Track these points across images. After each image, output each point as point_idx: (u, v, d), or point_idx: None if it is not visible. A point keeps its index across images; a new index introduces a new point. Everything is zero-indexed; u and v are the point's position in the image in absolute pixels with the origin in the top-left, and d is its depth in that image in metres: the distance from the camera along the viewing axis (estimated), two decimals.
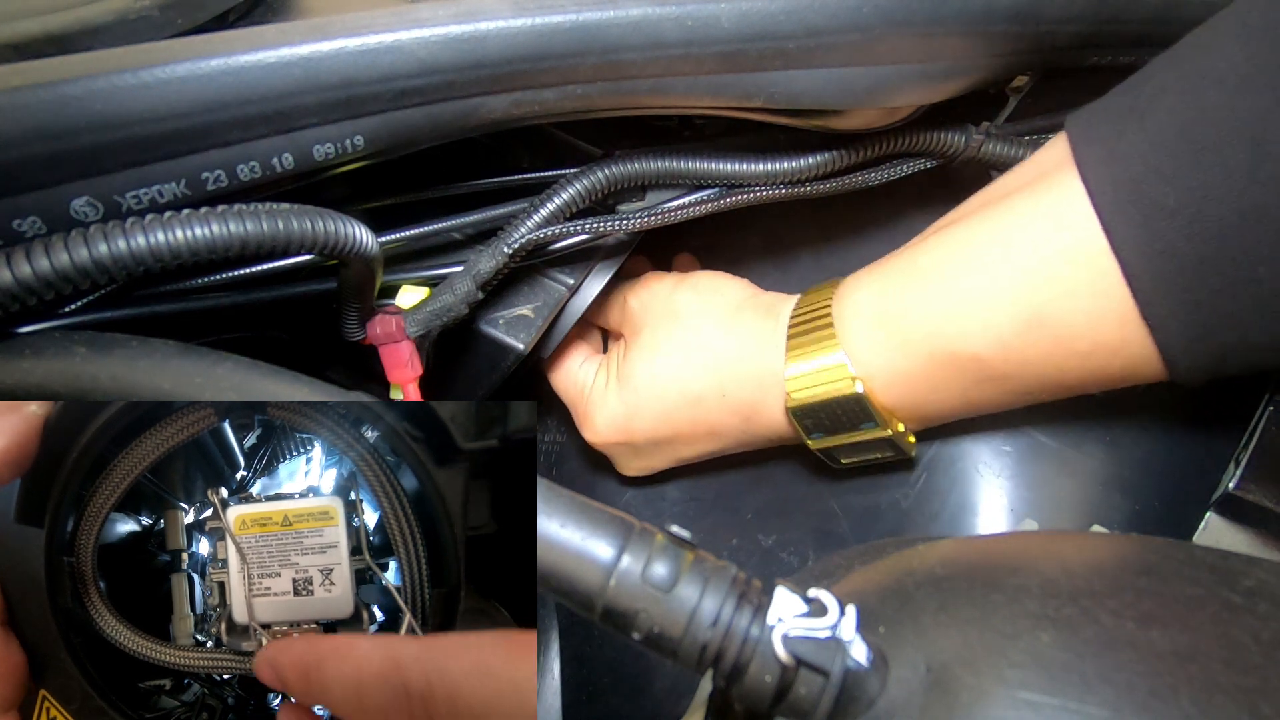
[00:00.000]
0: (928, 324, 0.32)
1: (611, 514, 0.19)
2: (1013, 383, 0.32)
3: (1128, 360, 0.29)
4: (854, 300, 0.35)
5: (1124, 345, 0.29)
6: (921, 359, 0.33)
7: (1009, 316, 0.30)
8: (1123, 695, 0.17)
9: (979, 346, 0.31)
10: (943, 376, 0.33)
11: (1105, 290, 0.28)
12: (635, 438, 0.42)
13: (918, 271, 0.33)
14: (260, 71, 0.24)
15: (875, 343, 0.34)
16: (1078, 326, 0.29)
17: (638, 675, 0.45)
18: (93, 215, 0.24)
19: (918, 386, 0.34)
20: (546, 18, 0.26)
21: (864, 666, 0.18)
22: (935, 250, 0.33)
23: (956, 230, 0.33)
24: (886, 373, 0.34)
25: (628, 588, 0.18)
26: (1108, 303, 0.28)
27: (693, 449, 0.42)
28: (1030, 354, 0.30)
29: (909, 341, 0.33)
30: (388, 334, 0.33)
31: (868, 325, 0.34)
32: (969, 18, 0.29)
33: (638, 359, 0.41)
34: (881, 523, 0.43)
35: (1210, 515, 0.35)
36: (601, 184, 0.35)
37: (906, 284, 0.33)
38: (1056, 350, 0.30)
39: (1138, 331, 0.28)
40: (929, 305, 0.32)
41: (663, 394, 0.40)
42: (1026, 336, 0.30)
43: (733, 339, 0.39)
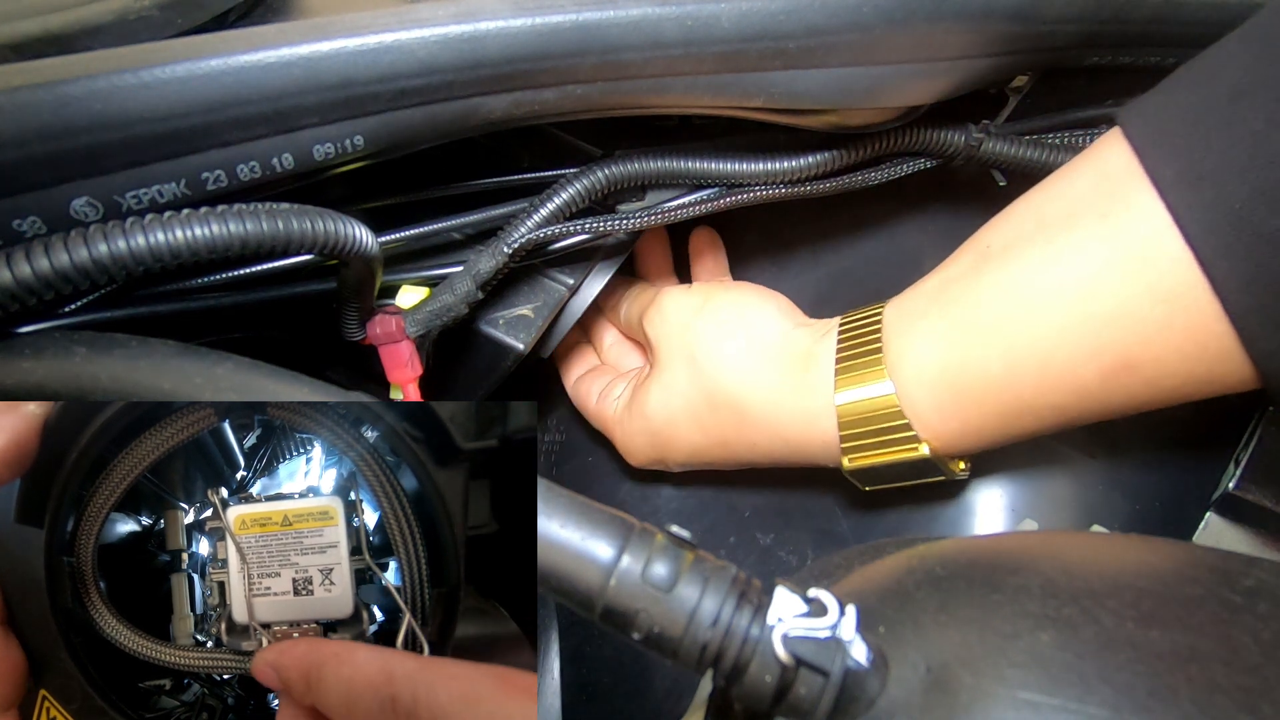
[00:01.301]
0: (1000, 386, 0.29)
1: (611, 514, 0.19)
2: (1092, 418, 0.30)
3: (1221, 387, 0.27)
4: (910, 353, 0.32)
5: (1222, 377, 0.26)
6: (994, 415, 0.30)
7: (1094, 368, 0.27)
8: (1123, 695, 0.17)
9: (1059, 399, 0.29)
10: (1015, 425, 0.31)
11: (1203, 327, 0.25)
12: (668, 463, 0.43)
13: (982, 325, 0.30)
14: (260, 71, 0.24)
15: (940, 403, 0.31)
16: (1170, 367, 0.26)
17: (638, 675, 0.45)
18: (93, 215, 0.24)
19: (989, 437, 0.32)
20: (546, 18, 0.26)
21: (864, 666, 0.18)
22: (998, 297, 0.29)
23: (1018, 268, 0.29)
24: (955, 432, 0.32)
25: (628, 588, 0.18)
26: (1207, 339, 0.25)
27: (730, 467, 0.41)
28: (1115, 398, 0.28)
29: (981, 403, 0.30)
30: (388, 334, 0.33)
31: (930, 384, 0.31)
32: (969, 17, 0.29)
33: (658, 400, 0.40)
34: (882, 523, 0.43)
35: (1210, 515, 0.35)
36: (601, 184, 0.35)
37: (969, 340, 0.30)
38: (1145, 391, 0.28)
39: (1239, 364, 0.26)
40: (1000, 366, 0.29)
41: (686, 437, 0.40)
42: (1114, 383, 0.28)
43: (762, 394, 0.36)
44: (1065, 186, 0.30)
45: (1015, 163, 0.37)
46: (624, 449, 0.44)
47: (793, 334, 0.37)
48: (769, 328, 0.37)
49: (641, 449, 0.42)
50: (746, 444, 0.38)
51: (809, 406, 0.35)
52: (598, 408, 0.45)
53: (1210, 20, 0.33)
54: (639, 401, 0.41)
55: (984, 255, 0.31)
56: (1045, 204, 0.30)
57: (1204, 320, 0.25)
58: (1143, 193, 0.26)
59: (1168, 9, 0.32)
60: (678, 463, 0.42)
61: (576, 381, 0.47)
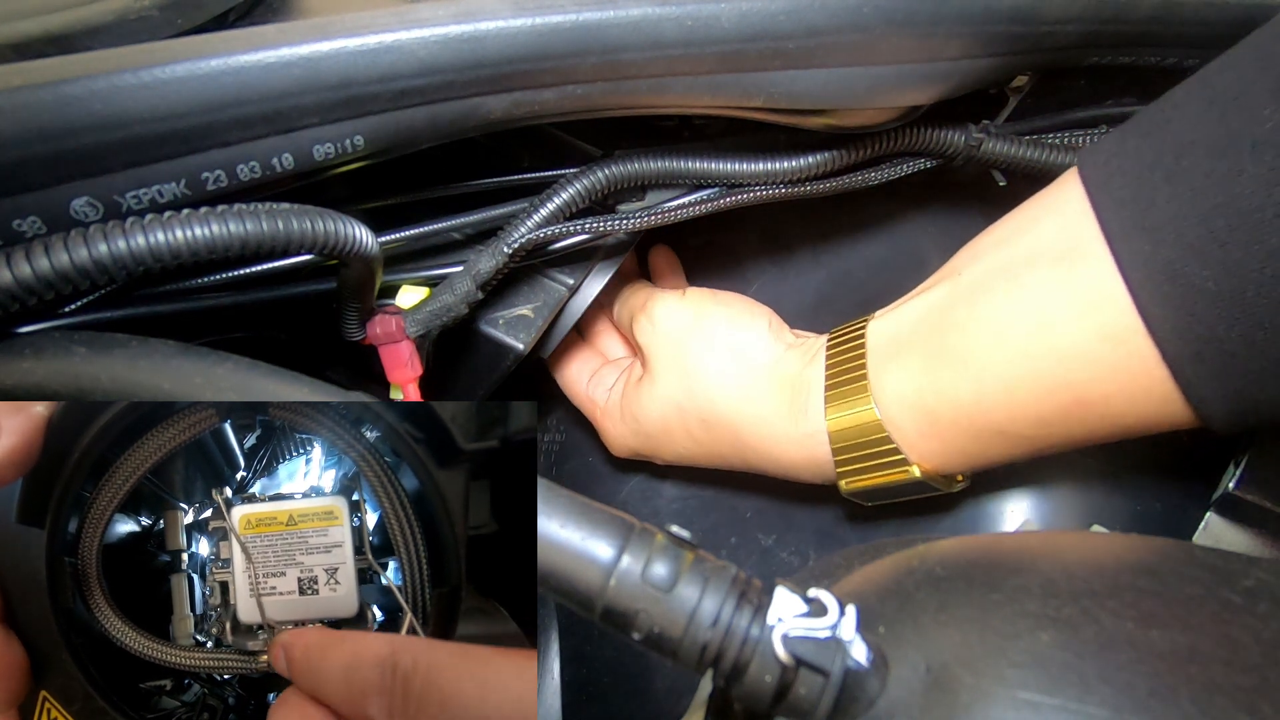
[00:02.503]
0: (972, 412, 0.31)
1: (611, 514, 0.19)
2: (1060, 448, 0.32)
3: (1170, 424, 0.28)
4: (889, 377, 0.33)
5: (1168, 416, 0.28)
6: (970, 438, 0.32)
7: (1052, 402, 0.29)
8: (1123, 695, 0.17)
9: (1024, 428, 0.31)
10: (993, 448, 0.32)
11: (1144, 370, 0.27)
12: (654, 460, 0.44)
13: (952, 355, 0.31)
14: (260, 71, 0.24)
15: (919, 426, 0.33)
16: (1119, 405, 0.28)
17: (638, 675, 0.45)
18: (93, 215, 0.24)
19: (971, 458, 0.33)
20: (546, 18, 0.26)
21: (864, 666, 0.18)
22: (967, 328, 0.31)
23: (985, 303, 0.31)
24: (939, 452, 0.33)
25: (628, 588, 0.18)
26: (1149, 382, 0.27)
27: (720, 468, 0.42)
28: (1075, 430, 0.30)
29: (956, 425, 0.32)
30: (388, 334, 0.33)
31: (910, 409, 0.33)
32: (969, 17, 0.29)
33: (650, 405, 0.41)
34: (883, 523, 0.43)
35: (1210, 515, 0.35)
36: (601, 184, 0.35)
37: (942, 368, 0.32)
38: (1101, 425, 0.29)
39: (1181, 405, 0.27)
40: (970, 394, 0.31)
41: (679, 443, 0.41)
42: (1070, 416, 0.29)
43: (756, 419, 0.37)
44: (1030, 224, 0.31)
45: (1015, 163, 0.37)
46: (608, 440, 0.44)
47: (784, 357, 0.38)
48: (760, 349, 0.38)
49: (628, 446, 0.43)
50: (740, 461, 0.39)
51: (801, 430, 0.36)
52: (588, 393, 0.45)
53: (1210, 20, 0.33)
54: (630, 402, 0.42)
55: (956, 287, 0.33)
56: (1011, 240, 0.31)
57: (1145, 365, 0.27)
58: (1095, 241, 0.27)
59: (1167, 9, 0.32)
60: (666, 461, 0.43)
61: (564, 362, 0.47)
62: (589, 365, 0.46)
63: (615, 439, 0.44)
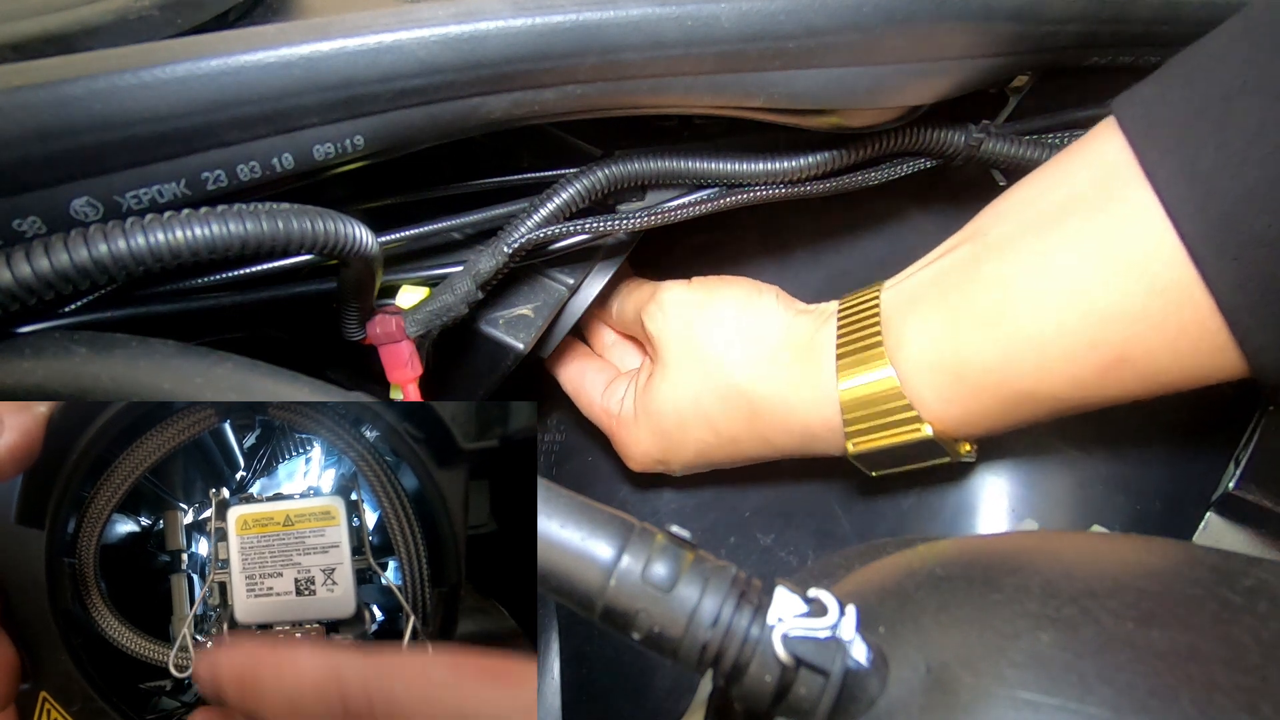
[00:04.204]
0: (999, 374, 0.30)
1: (611, 514, 0.19)
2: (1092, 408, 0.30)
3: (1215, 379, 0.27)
4: (908, 337, 0.32)
5: (1216, 370, 0.27)
6: (994, 400, 0.31)
7: (1091, 361, 0.28)
8: (1123, 695, 0.17)
9: (1057, 389, 0.29)
10: (1017, 411, 0.31)
11: (1196, 323, 0.26)
12: (672, 466, 0.42)
13: (979, 316, 0.30)
14: (260, 71, 0.24)
15: (939, 387, 0.31)
16: (1164, 361, 0.27)
17: (638, 675, 0.45)
18: (93, 215, 0.24)
19: (991, 421, 0.32)
20: (546, 18, 0.26)
21: (864, 666, 0.18)
22: (996, 286, 0.30)
23: (1015, 261, 0.29)
24: (957, 416, 0.32)
25: (628, 588, 0.18)
26: (1200, 335, 0.26)
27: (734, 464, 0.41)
28: (1111, 389, 0.29)
29: (980, 387, 0.30)
30: (388, 334, 0.33)
31: (929, 369, 0.31)
32: (969, 17, 0.29)
33: (665, 398, 0.40)
34: (881, 522, 0.43)
35: (1210, 515, 0.35)
36: (601, 184, 0.35)
37: (968, 329, 0.30)
38: (1138, 384, 0.28)
39: (1231, 358, 0.26)
40: (998, 355, 0.29)
41: (695, 436, 0.40)
42: (1109, 376, 0.28)
43: (772, 388, 0.36)
44: (1062, 176, 0.30)
45: (1015, 163, 0.37)
46: (627, 450, 0.43)
47: (794, 322, 0.37)
48: (771, 320, 0.38)
49: (647, 450, 0.42)
50: (758, 439, 0.38)
51: (817, 395, 0.35)
52: (602, 406, 0.44)
53: (1210, 20, 0.33)
54: (645, 401, 0.41)
55: (982, 245, 0.31)
56: (1043, 195, 0.30)
57: (1198, 316, 0.26)
58: (1139, 188, 0.26)
59: (1168, 9, 0.32)
60: (682, 463, 0.42)
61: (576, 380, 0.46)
62: (602, 377, 0.45)
63: (633, 446, 0.42)
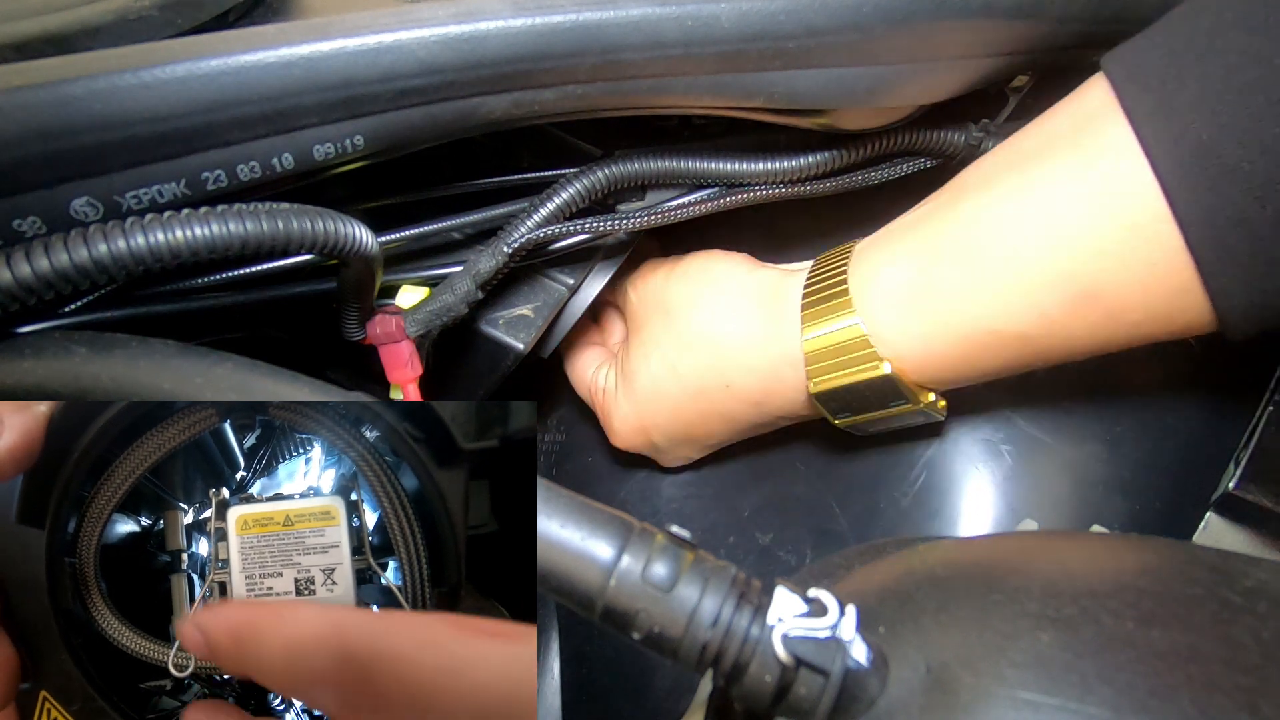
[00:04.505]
0: (966, 306, 0.30)
1: (611, 514, 0.19)
2: (1055, 353, 0.30)
3: (1180, 325, 0.27)
4: (877, 277, 0.32)
5: (1180, 313, 0.27)
6: (959, 339, 0.31)
7: (1058, 294, 0.28)
8: (1123, 695, 0.17)
9: (1023, 325, 0.29)
10: (981, 354, 0.31)
11: (1164, 259, 0.26)
12: (653, 436, 0.42)
13: (952, 248, 0.30)
14: (260, 71, 0.24)
15: (905, 323, 0.31)
16: (1132, 299, 0.27)
17: (638, 675, 0.45)
18: (93, 215, 0.24)
19: (954, 363, 0.32)
20: (546, 18, 0.26)
21: (864, 666, 0.18)
22: (970, 224, 0.30)
23: (990, 198, 0.30)
24: (919, 353, 0.32)
25: (628, 588, 0.18)
26: (1167, 272, 0.26)
27: (712, 437, 0.42)
28: (1077, 328, 0.29)
29: (946, 324, 0.30)
30: (388, 334, 0.33)
31: (896, 305, 0.32)
32: (969, 17, 0.29)
33: (637, 359, 0.41)
34: (881, 521, 0.43)
35: (1210, 515, 0.35)
36: (601, 184, 0.35)
37: (938, 262, 0.30)
38: (1107, 322, 0.28)
39: (1197, 299, 0.26)
40: (967, 286, 0.30)
41: (665, 392, 0.40)
42: (1076, 312, 0.28)
43: (733, 328, 0.37)
44: (1044, 123, 0.30)
45: None
46: (611, 424, 0.43)
47: (759, 274, 0.38)
48: (736, 272, 0.39)
49: (625, 417, 0.42)
50: (720, 385, 0.38)
51: (780, 342, 0.35)
52: (590, 383, 0.45)
53: None
54: (623, 366, 0.42)
55: (959, 189, 0.32)
56: (1023, 140, 0.31)
57: (1165, 253, 0.26)
58: (1117, 125, 0.26)
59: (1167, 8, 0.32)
60: (661, 431, 0.41)
61: (574, 359, 0.47)
62: (597, 360, 0.46)
63: (616, 421, 0.43)
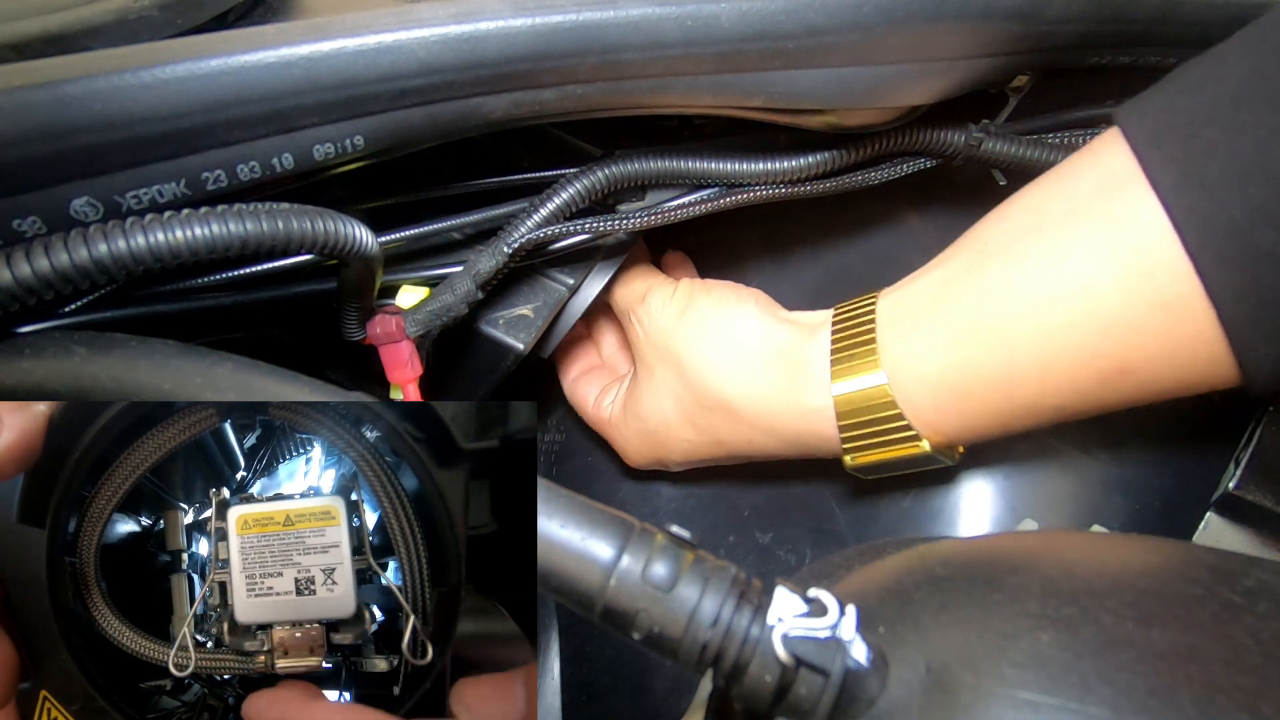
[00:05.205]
0: (1002, 387, 0.30)
1: (611, 514, 0.19)
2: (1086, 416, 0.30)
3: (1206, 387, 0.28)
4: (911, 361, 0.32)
5: (1210, 380, 0.27)
6: (995, 413, 0.31)
7: (1093, 371, 0.28)
8: (1123, 695, 0.17)
9: (1058, 400, 0.29)
10: (1017, 422, 0.31)
11: (1197, 334, 0.26)
12: (669, 465, 0.43)
13: (985, 330, 0.30)
14: (260, 71, 0.24)
15: (942, 404, 0.31)
16: (1163, 370, 0.27)
17: (638, 675, 0.45)
18: (93, 215, 0.24)
19: (989, 432, 0.32)
20: (546, 18, 0.26)
21: (864, 666, 0.18)
22: (998, 299, 0.29)
23: (1018, 270, 0.29)
24: (955, 428, 0.32)
25: (628, 587, 0.18)
26: (1199, 345, 0.26)
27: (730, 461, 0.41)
28: (1110, 399, 0.29)
29: (983, 402, 0.31)
30: (388, 334, 0.33)
31: (931, 389, 0.31)
32: (969, 17, 0.29)
33: (649, 400, 0.40)
34: (881, 521, 0.43)
35: (1210, 515, 0.35)
36: (601, 184, 0.35)
37: (970, 344, 0.30)
38: (1137, 392, 0.28)
39: (1226, 368, 0.26)
40: (1002, 368, 0.29)
41: (681, 436, 0.40)
42: (1109, 385, 0.28)
43: (752, 393, 0.36)
44: (1065, 186, 0.30)
45: (1015, 163, 0.37)
46: (622, 451, 0.44)
47: (775, 329, 0.37)
48: (750, 326, 0.38)
49: (639, 450, 0.43)
50: (742, 441, 0.38)
51: (803, 402, 0.35)
52: (594, 411, 0.45)
53: (1210, 20, 0.33)
54: (631, 404, 0.42)
55: (982, 253, 0.31)
56: (1044, 203, 0.30)
57: (1198, 328, 0.26)
58: (1143, 198, 0.26)
59: (1168, 9, 0.32)
60: (676, 462, 0.42)
61: (574, 383, 0.47)
62: (598, 383, 0.46)
63: (626, 445, 0.43)
